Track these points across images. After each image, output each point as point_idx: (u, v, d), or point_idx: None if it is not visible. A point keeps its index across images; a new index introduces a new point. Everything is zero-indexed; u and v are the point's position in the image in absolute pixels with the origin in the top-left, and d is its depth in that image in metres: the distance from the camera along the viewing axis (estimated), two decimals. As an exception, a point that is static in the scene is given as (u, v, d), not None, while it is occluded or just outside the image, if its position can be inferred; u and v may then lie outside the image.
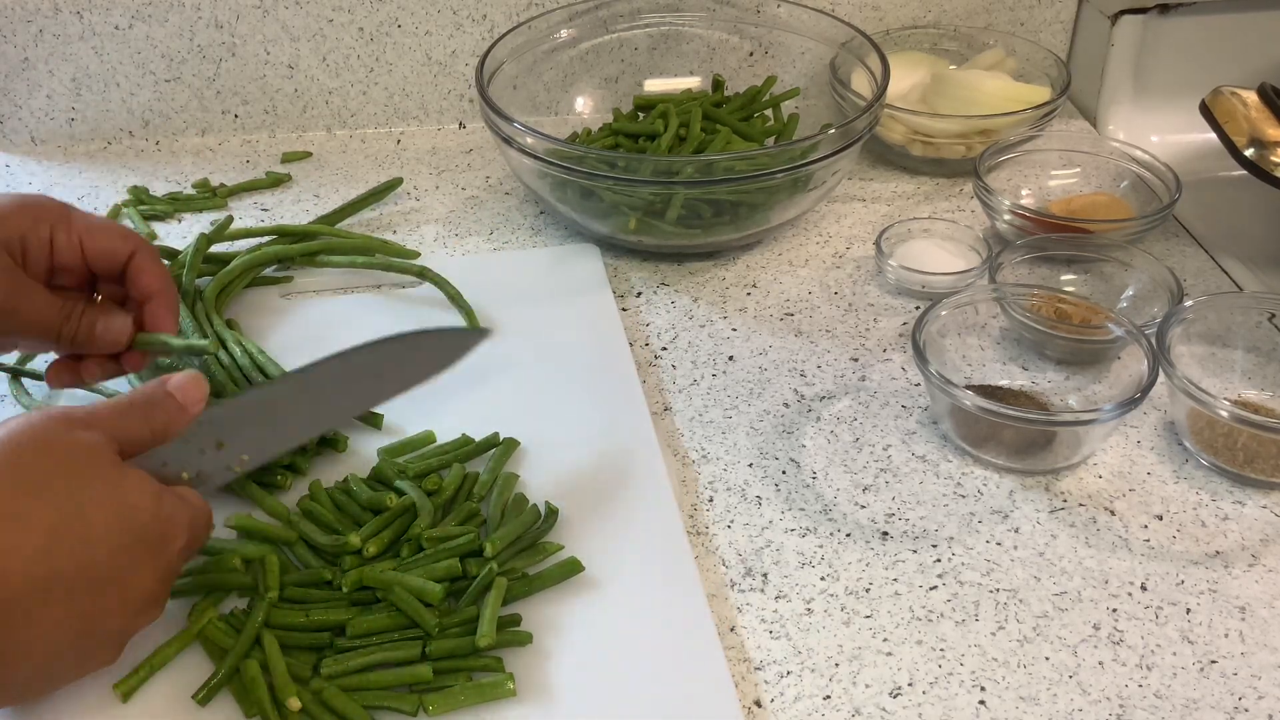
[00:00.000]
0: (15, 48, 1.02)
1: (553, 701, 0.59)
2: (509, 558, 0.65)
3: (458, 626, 0.61)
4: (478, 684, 0.59)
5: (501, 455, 0.72)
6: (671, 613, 0.63)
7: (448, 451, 0.73)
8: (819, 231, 0.97)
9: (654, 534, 0.68)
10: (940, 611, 0.66)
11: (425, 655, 0.60)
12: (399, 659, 0.60)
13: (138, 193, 1.00)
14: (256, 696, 0.58)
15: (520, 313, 0.85)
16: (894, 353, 0.84)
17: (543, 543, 0.67)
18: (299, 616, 0.62)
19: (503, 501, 0.68)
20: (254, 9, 1.03)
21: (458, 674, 0.60)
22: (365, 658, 0.60)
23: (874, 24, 1.11)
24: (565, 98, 1.07)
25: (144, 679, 0.60)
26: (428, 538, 0.65)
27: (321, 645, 0.62)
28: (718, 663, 0.61)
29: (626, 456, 0.73)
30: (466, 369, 0.71)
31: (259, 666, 0.59)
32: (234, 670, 0.60)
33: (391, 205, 1.00)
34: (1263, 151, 0.87)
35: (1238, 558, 0.69)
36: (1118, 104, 1.09)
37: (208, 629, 0.62)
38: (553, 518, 0.68)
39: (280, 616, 0.62)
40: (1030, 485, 0.74)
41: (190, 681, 0.60)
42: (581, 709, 0.59)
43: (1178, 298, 0.82)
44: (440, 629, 0.61)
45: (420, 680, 0.59)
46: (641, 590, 0.65)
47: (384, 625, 0.61)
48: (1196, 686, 0.62)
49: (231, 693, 0.60)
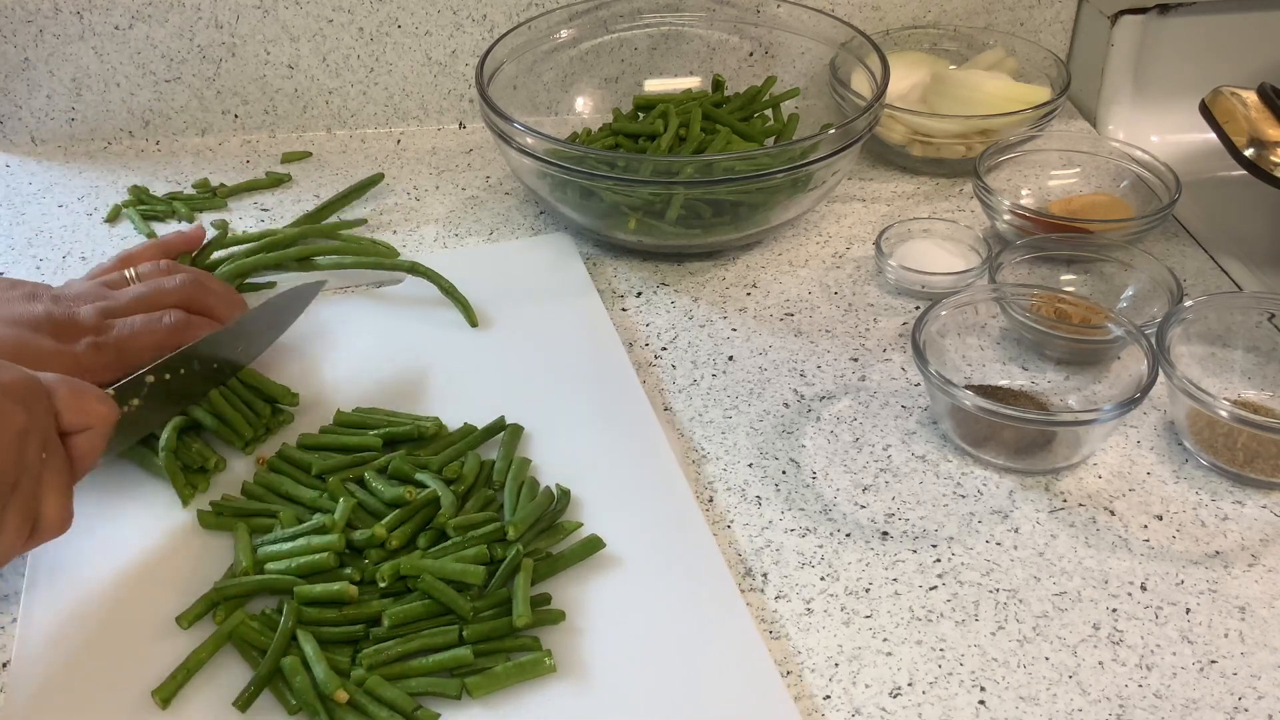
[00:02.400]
0: (15, 48, 1.02)
1: (589, 676, 0.61)
2: (531, 539, 0.67)
3: (490, 610, 0.63)
4: (518, 663, 0.60)
5: (511, 441, 0.73)
6: (696, 584, 0.65)
7: (457, 440, 0.74)
8: (819, 231, 0.97)
9: (666, 508, 0.70)
10: (940, 611, 0.66)
11: (463, 639, 0.62)
12: (437, 645, 0.61)
13: (138, 192, 1.00)
14: (300, 692, 0.59)
15: (499, 303, 0.86)
16: (894, 353, 0.84)
17: (561, 523, 0.68)
18: (332, 612, 0.62)
19: (517, 486, 0.69)
20: (254, 9, 1.03)
21: (496, 655, 0.61)
22: (404, 646, 0.61)
23: (874, 24, 1.11)
24: (565, 98, 1.07)
25: (181, 683, 0.60)
26: (455, 526, 0.66)
27: (355, 638, 0.62)
28: (747, 627, 0.63)
29: (627, 437, 0.75)
30: (462, 362, 0.70)
31: (300, 663, 0.60)
32: (274, 669, 0.60)
33: (392, 205, 1.00)
34: (1263, 151, 0.87)
35: (1237, 558, 0.69)
36: (1118, 104, 1.09)
37: (240, 629, 0.62)
38: (566, 498, 0.70)
39: (313, 613, 0.62)
40: (1030, 485, 0.74)
41: (226, 683, 0.61)
42: (617, 681, 0.60)
43: (1178, 298, 0.82)
44: (474, 613, 0.62)
45: (462, 663, 0.60)
46: (661, 564, 0.66)
47: (419, 613, 0.62)
48: (1196, 686, 0.62)
49: (272, 692, 0.60)
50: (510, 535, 0.65)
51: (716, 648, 0.62)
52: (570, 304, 0.86)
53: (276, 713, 0.60)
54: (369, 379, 0.80)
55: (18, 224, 0.97)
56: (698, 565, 0.66)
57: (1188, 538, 0.70)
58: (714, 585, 0.65)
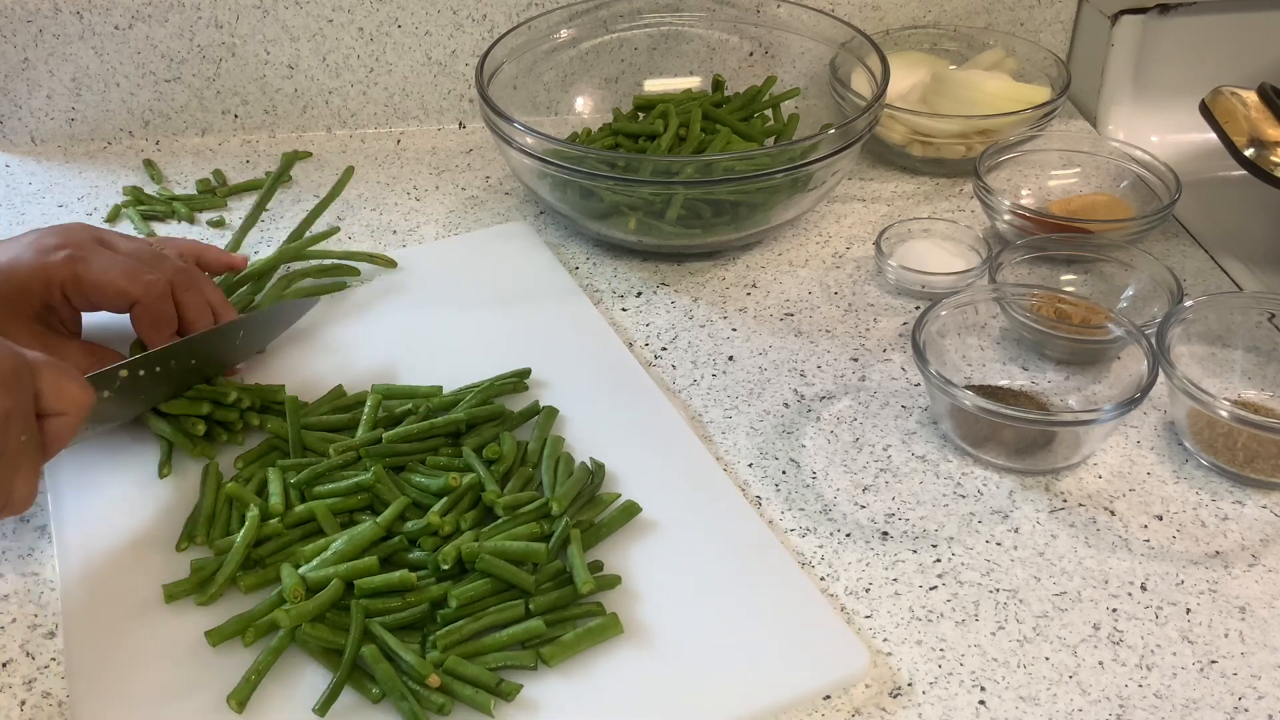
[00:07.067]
0: (15, 48, 1.02)
1: (650, 633, 0.63)
2: (574, 512, 0.69)
3: (548, 582, 0.65)
4: (589, 628, 0.62)
5: (545, 423, 0.75)
6: (729, 533, 0.69)
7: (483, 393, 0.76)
8: (819, 231, 0.97)
9: (686, 467, 0.73)
10: (940, 611, 0.66)
11: (529, 612, 0.63)
12: (506, 620, 0.63)
13: (136, 192, 1.00)
14: (386, 680, 0.59)
15: (471, 294, 0.89)
16: (894, 353, 0.84)
17: (599, 495, 0.71)
18: (395, 601, 0.63)
19: (554, 463, 0.71)
20: (254, 9, 1.03)
21: (564, 624, 0.63)
22: (475, 624, 0.62)
23: (874, 24, 1.11)
24: (565, 98, 1.07)
25: (254, 685, 0.60)
26: (504, 506, 0.68)
27: (421, 623, 0.63)
28: (786, 561, 0.66)
29: (633, 408, 0.77)
30: (451, 349, 0.70)
31: (379, 653, 0.60)
32: (353, 664, 0.60)
33: (392, 205, 1.00)
34: (1263, 151, 0.87)
35: (1238, 558, 0.69)
36: (1118, 104, 1.09)
37: (307, 629, 0.61)
38: (601, 472, 0.72)
39: (379, 604, 0.63)
40: (1030, 485, 0.74)
41: (296, 678, 0.61)
42: (678, 634, 0.63)
43: (1178, 298, 0.82)
44: (536, 586, 0.64)
45: (534, 634, 0.62)
46: (694, 520, 0.69)
47: (484, 591, 0.63)
48: (1196, 686, 0.62)
49: (352, 686, 0.60)
50: (554, 510, 0.67)
51: (761, 586, 0.65)
52: (541, 285, 0.89)
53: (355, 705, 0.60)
54: (365, 372, 0.81)
55: (18, 224, 0.97)
56: (727, 516, 0.70)
57: (1188, 538, 0.70)
58: (746, 531, 0.69)
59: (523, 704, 0.60)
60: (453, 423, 0.73)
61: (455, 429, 0.73)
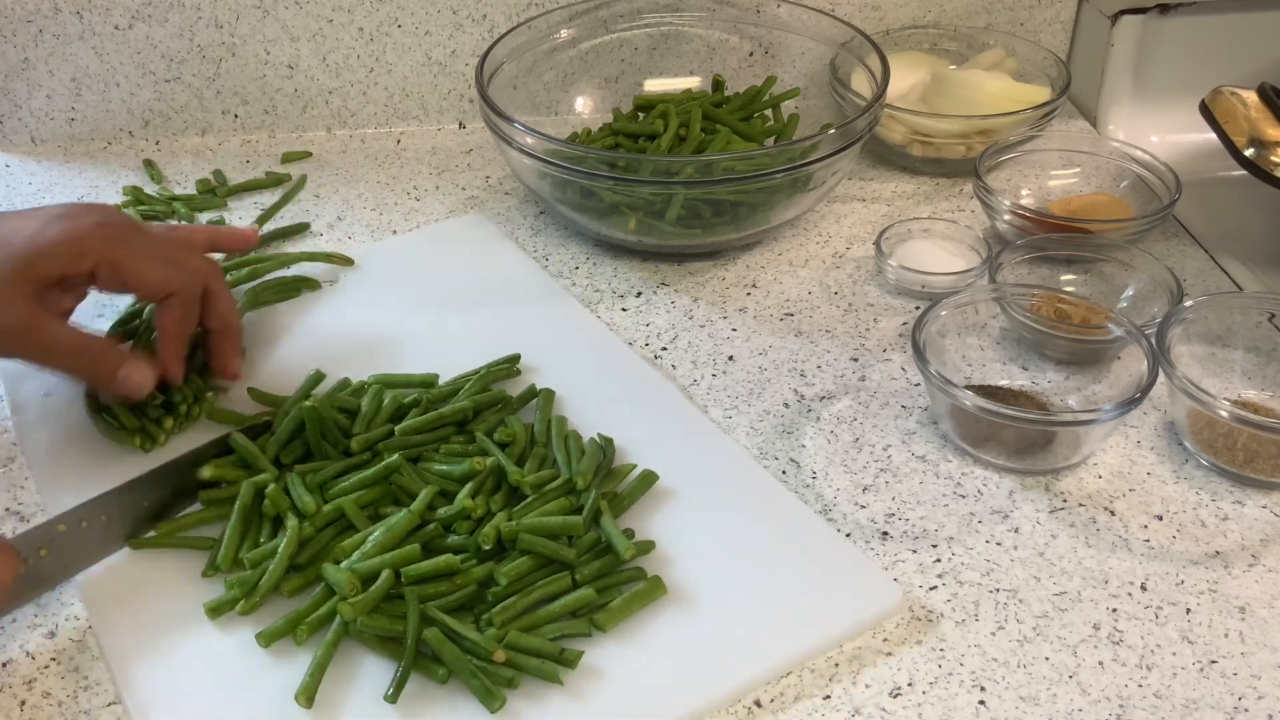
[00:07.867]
0: (15, 48, 1.02)
1: (693, 593, 0.65)
2: (596, 485, 0.70)
3: (586, 553, 0.66)
4: (635, 592, 0.64)
5: (545, 404, 0.77)
6: (745, 492, 0.72)
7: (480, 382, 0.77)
8: (819, 231, 0.97)
9: (691, 434, 0.76)
10: (940, 611, 0.66)
11: (575, 582, 0.65)
12: (554, 592, 0.64)
13: (136, 192, 1.00)
14: (454, 660, 0.60)
15: (440, 288, 0.89)
16: (894, 353, 0.84)
17: (615, 468, 0.73)
18: (444, 585, 0.64)
19: (563, 441, 0.73)
20: (254, 9, 1.03)
21: (609, 591, 0.65)
22: (526, 599, 0.64)
23: (874, 24, 1.11)
24: (565, 98, 1.07)
25: (318, 680, 0.60)
26: (531, 485, 0.69)
27: (468, 603, 0.64)
28: (804, 511, 0.70)
29: (629, 385, 0.79)
30: (431, 342, 0.70)
31: (440, 635, 0.61)
32: (415, 649, 0.61)
33: (392, 205, 1.00)
34: (1263, 151, 0.87)
35: (1238, 558, 0.69)
36: (1118, 104, 1.09)
37: (365, 620, 0.62)
38: (610, 446, 0.74)
39: (429, 589, 0.64)
40: (1030, 485, 0.74)
41: (356, 670, 0.62)
42: (717, 591, 0.66)
43: (1178, 298, 0.82)
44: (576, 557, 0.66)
45: (586, 603, 0.64)
46: (709, 484, 0.72)
47: (529, 567, 0.65)
48: (1196, 686, 0.62)
49: (416, 670, 0.61)
50: (579, 485, 0.69)
51: (785, 537, 0.68)
52: (505, 271, 0.91)
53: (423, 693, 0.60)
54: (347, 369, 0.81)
55: (18, 224, 0.97)
56: (738, 475, 0.73)
57: (1188, 538, 0.70)
58: (761, 488, 0.72)
59: (585, 671, 0.61)
60: (460, 411, 0.74)
61: (463, 417, 0.74)
